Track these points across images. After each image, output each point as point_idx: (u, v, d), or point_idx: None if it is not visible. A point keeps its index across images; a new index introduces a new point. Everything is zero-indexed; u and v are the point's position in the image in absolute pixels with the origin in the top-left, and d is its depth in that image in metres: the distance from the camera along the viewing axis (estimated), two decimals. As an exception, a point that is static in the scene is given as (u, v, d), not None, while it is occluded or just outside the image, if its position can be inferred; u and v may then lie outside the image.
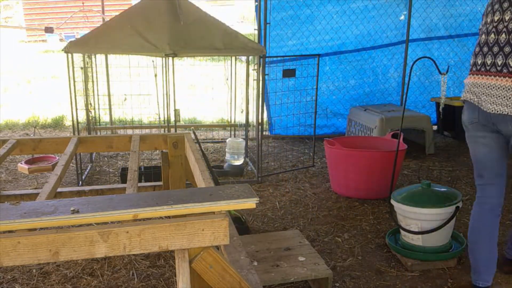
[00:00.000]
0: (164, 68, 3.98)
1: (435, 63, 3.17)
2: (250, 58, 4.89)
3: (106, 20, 4.94)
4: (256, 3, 5.10)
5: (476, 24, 5.86)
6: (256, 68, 4.35)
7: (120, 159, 5.10)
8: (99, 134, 5.08)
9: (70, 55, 3.98)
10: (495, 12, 2.47)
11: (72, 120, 4.15)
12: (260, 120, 4.40)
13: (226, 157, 4.78)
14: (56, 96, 8.09)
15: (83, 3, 11.45)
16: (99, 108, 5.27)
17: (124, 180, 4.05)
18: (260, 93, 4.32)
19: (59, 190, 2.79)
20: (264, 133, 5.45)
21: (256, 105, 4.42)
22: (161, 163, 2.92)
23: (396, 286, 2.74)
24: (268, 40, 4.98)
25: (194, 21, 4.12)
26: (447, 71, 3.09)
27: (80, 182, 4.28)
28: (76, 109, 4.13)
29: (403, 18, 5.69)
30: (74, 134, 4.02)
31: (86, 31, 5.64)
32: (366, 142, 4.37)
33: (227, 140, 4.87)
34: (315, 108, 4.70)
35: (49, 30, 10.74)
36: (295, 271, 2.58)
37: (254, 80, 4.43)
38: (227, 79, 5.52)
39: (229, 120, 5.70)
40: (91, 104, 4.82)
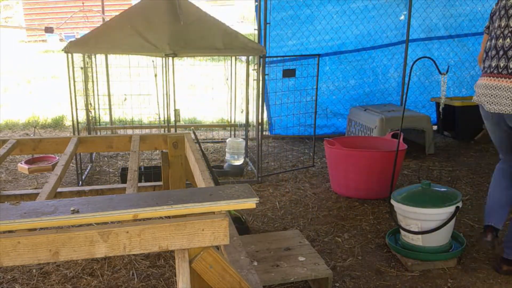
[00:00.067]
0: (164, 68, 3.98)
1: (435, 63, 3.17)
2: (250, 58, 4.89)
3: (106, 20, 4.94)
4: (256, 3, 5.10)
5: (476, 24, 5.86)
6: (256, 68, 4.34)
7: (120, 159, 5.10)
8: (99, 134, 5.08)
9: (70, 55, 3.98)
10: (502, 18, 2.69)
11: (72, 120, 4.15)
12: (260, 120, 4.40)
13: (226, 157, 4.78)
14: (56, 96, 8.09)
15: (83, 3, 11.45)
16: (99, 108, 5.27)
17: (124, 180, 4.05)
18: (260, 93, 4.32)
19: (59, 190, 2.79)
20: (264, 133, 5.45)
21: (256, 105, 4.42)
22: (161, 163, 2.92)
23: (396, 286, 2.74)
24: (268, 40, 4.98)
25: (194, 21, 4.12)
26: (447, 71, 3.10)
27: (80, 182, 4.28)
28: (76, 109, 4.13)
29: (403, 18, 5.69)
30: (74, 134, 4.03)
31: (86, 31, 5.64)
32: (366, 142, 4.37)
33: (227, 140, 4.87)
34: (315, 108, 4.70)
35: (49, 30, 10.73)
36: (295, 271, 2.58)
37: (254, 80, 4.43)
38: (227, 79, 5.52)
39: (229, 120, 5.70)
40: (91, 104, 4.82)
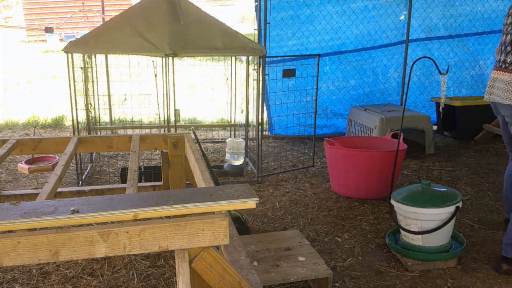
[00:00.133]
0: (164, 68, 3.98)
1: (435, 63, 3.17)
2: (250, 58, 4.89)
3: (106, 20, 4.94)
4: (256, 3, 5.10)
5: (476, 24, 5.87)
6: (256, 68, 4.34)
7: (120, 159, 5.10)
8: (99, 134, 5.08)
9: (70, 55, 3.98)
10: (509, 16, 2.88)
11: (72, 120, 4.15)
12: (260, 120, 4.40)
13: (226, 157, 4.78)
14: (56, 96, 8.09)
15: (83, 3, 11.44)
16: (99, 108, 5.27)
17: (124, 180, 4.05)
18: (260, 93, 4.32)
19: (59, 190, 2.79)
20: (264, 133, 5.45)
21: (256, 105, 4.42)
22: (161, 163, 2.92)
23: (396, 286, 2.74)
24: (268, 40, 4.98)
25: (194, 21, 4.12)
26: (447, 71, 3.10)
27: (80, 182, 4.28)
28: (76, 109, 4.13)
29: (403, 18, 5.69)
30: (74, 134, 4.03)
31: (86, 31, 5.64)
32: (366, 142, 4.37)
33: (227, 140, 4.86)
34: (315, 108, 4.70)
35: (49, 30, 10.74)
36: (295, 271, 2.58)
37: (254, 80, 4.43)
38: (227, 79, 5.52)
39: (229, 120, 5.70)
40: (91, 104, 4.82)
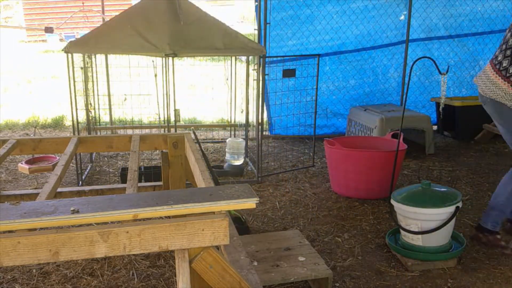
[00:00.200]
0: (164, 68, 3.98)
1: (435, 63, 3.17)
2: (250, 58, 4.89)
3: (106, 20, 4.93)
4: (256, 3, 5.10)
5: (476, 24, 5.86)
6: (256, 68, 4.34)
7: (120, 159, 5.10)
8: (99, 134, 5.08)
9: (70, 55, 3.98)
10: None
11: (72, 120, 4.15)
12: (260, 120, 4.40)
13: (226, 157, 4.78)
14: (56, 96, 8.09)
15: (83, 3, 11.43)
16: (99, 108, 5.27)
17: (124, 180, 4.05)
18: (260, 93, 4.32)
19: (59, 190, 2.79)
20: (264, 133, 5.45)
21: (256, 105, 4.42)
22: (161, 163, 2.92)
23: (396, 286, 2.74)
24: (268, 40, 4.98)
25: (194, 21, 4.12)
26: (447, 71, 3.10)
27: (80, 182, 4.28)
28: (76, 109, 4.13)
29: (403, 18, 5.69)
30: (74, 134, 4.03)
31: (86, 31, 5.64)
32: (366, 142, 4.37)
33: (227, 140, 4.86)
34: (315, 108, 4.70)
35: (49, 30, 10.73)
36: (295, 271, 2.58)
37: (254, 80, 4.43)
38: (227, 79, 5.52)
39: (229, 120, 5.70)
40: (91, 104, 4.82)
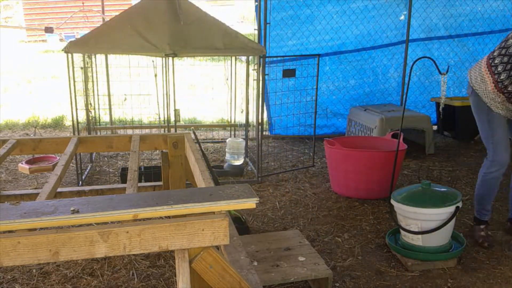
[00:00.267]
0: (164, 68, 3.98)
1: (435, 63, 3.17)
2: (250, 58, 4.89)
3: (106, 20, 4.93)
4: (256, 3, 5.10)
5: (476, 24, 5.86)
6: (256, 68, 4.34)
7: (120, 159, 5.10)
8: (99, 134, 5.08)
9: (70, 55, 3.98)
10: None
11: (72, 120, 4.15)
12: (260, 120, 4.40)
13: (226, 157, 4.78)
14: (56, 96, 8.09)
15: (83, 3, 11.43)
16: (99, 108, 5.27)
17: (124, 180, 4.05)
18: (260, 93, 4.32)
19: (59, 190, 2.79)
20: (264, 133, 5.45)
21: (256, 105, 4.42)
22: (161, 163, 2.92)
23: (396, 286, 2.74)
24: (268, 40, 4.98)
25: (194, 21, 4.12)
26: (447, 71, 3.10)
27: (80, 182, 4.28)
28: (76, 109, 4.13)
29: (403, 18, 5.69)
30: (74, 134, 4.03)
31: (86, 31, 5.64)
32: (366, 142, 4.37)
33: (227, 140, 4.86)
34: (315, 108, 4.70)
35: (49, 30, 10.72)
36: (295, 271, 2.58)
37: (254, 80, 4.43)
38: (227, 79, 5.52)
39: (229, 120, 5.70)
40: (91, 104, 4.82)
